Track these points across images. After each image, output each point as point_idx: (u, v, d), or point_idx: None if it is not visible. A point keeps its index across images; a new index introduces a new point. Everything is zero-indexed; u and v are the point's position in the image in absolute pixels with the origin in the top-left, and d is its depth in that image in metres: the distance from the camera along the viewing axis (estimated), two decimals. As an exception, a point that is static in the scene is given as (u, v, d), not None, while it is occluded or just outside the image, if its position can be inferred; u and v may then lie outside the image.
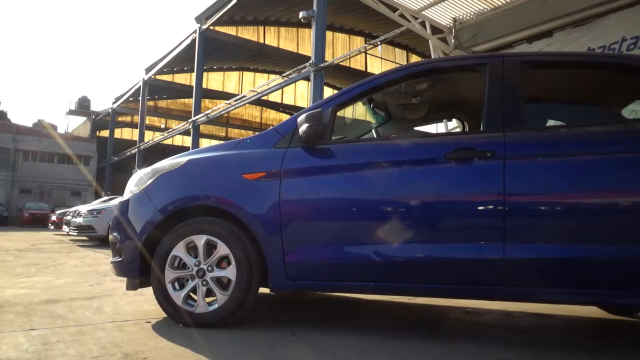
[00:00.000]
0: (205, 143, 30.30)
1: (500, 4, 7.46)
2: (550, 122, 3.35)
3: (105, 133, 36.37)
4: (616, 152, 2.27)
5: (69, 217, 12.18)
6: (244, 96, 19.35)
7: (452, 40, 8.15)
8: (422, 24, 8.37)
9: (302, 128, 2.52)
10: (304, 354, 2.14)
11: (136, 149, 27.56)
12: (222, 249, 2.55)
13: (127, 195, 2.90)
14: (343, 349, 2.22)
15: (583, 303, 2.73)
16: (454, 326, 2.91)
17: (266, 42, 23.85)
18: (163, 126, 33.56)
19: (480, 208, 2.34)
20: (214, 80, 29.30)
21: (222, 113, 20.80)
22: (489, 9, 7.63)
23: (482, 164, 2.34)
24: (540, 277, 2.26)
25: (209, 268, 2.56)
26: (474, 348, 2.34)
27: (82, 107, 38.35)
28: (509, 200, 2.26)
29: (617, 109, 3.19)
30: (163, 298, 2.60)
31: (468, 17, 8.01)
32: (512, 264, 2.24)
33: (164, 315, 2.68)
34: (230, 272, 2.53)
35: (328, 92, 22.24)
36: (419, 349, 2.27)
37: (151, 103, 31.18)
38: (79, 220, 10.89)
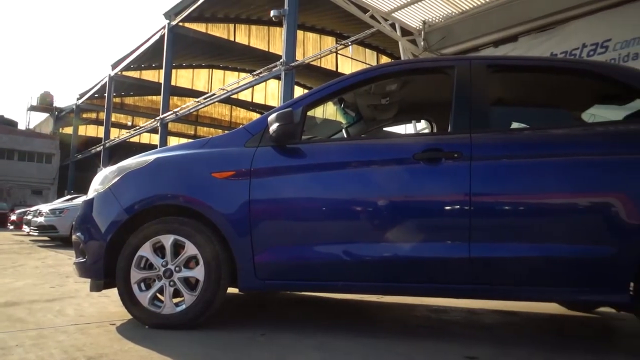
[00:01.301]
0: (173, 141, 29.79)
1: (468, 8, 7.62)
2: (515, 125, 3.44)
3: (68, 130, 35.28)
4: (576, 154, 2.35)
5: (29, 217, 11.81)
6: (214, 94, 19.13)
7: (422, 43, 8.27)
8: (393, 25, 8.47)
9: (273, 127, 2.51)
10: (274, 354, 2.13)
11: (101, 147, 26.86)
12: (190, 249, 2.51)
13: (91, 194, 2.82)
14: (313, 349, 2.22)
15: (545, 300, 2.82)
16: (421, 324, 2.96)
17: (237, 40, 23.64)
18: (130, 124, 32.79)
19: (447, 208, 2.39)
20: (183, 78, 28.82)
21: (191, 111, 20.50)
22: (457, 12, 7.79)
23: (449, 164, 2.39)
24: (504, 276, 2.32)
25: (177, 268, 2.52)
26: (441, 345, 2.39)
27: (45, 102, 37.09)
28: (474, 201, 2.32)
29: (578, 112, 3.31)
30: (128, 299, 2.55)
31: (437, 20, 8.15)
32: (477, 263, 2.29)
33: (130, 317, 2.62)
34: (198, 273, 2.49)
35: (299, 91, 22.23)
36: (388, 348, 2.29)
37: (117, 100, 30.43)
38: (40, 219, 10.56)
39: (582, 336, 2.86)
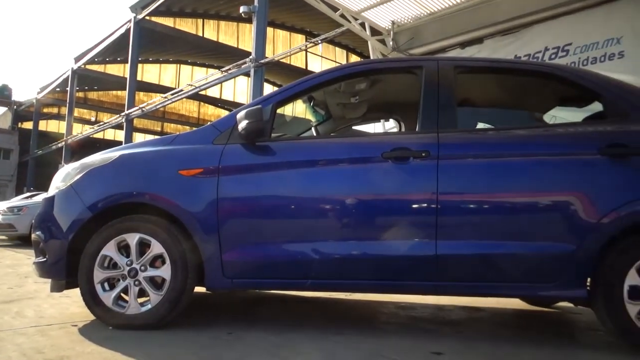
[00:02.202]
0: (139, 138, 29.13)
1: (436, 10, 7.74)
2: (480, 125, 3.53)
3: (28, 125, 33.95)
4: (538, 154, 2.43)
5: (-15, 215, 11.30)
6: (182, 90, 18.79)
7: (391, 43, 8.36)
8: (362, 25, 8.52)
9: (242, 124, 2.49)
10: (241, 353, 2.12)
11: (63, 143, 26.00)
12: (157, 248, 2.46)
13: (52, 191, 2.73)
14: (280, 347, 2.22)
15: (508, 296, 2.90)
16: (389, 321, 3.00)
17: (205, 36, 23.28)
18: (93, 119, 31.84)
19: (414, 206, 2.42)
20: (149, 73, 28.19)
21: (157, 107, 20.08)
22: (425, 14, 7.90)
23: (417, 163, 2.42)
24: (469, 273, 2.38)
25: (142, 267, 2.47)
26: (409, 342, 2.42)
27: (2, 96, 35.58)
28: (441, 199, 2.36)
29: (540, 114, 3.42)
30: (91, 299, 2.48)
31: (406, 21, 8.24)
32: (444, 260, 2.34)
33: (92, 317, 2.55)
34: (164, 272, 2.45)
35: (268, 88, 22.10)
36: (357, 345, 2.31)
37: (81, 94, 29.49)
38: (-2, 218, 10.14)
39: (543, 330, 2.97)
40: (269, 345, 2.25)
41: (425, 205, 2.39)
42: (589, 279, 2.34)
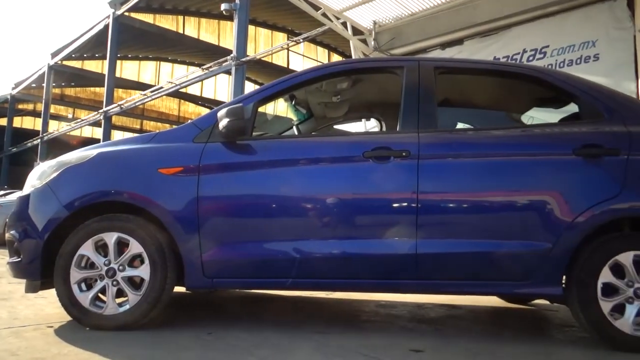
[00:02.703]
0: (118, 135, 28.66)
1: (417, 10, 7.80)
2: (460, 125, 3.57)
3: (2, 121, 33.11)
4: (516, 154, 2.47)
5: (-43, 214, 10.97)
6: (161, 87, 18.55)
7: (372, 42, 8.39)
8: (344, 24, 8.54)
9: (223, 123, 2.47)
10: (221, 353, 2.10)
11: (39, 140, 25.42)
12: (135, 247, 2.43)
13: (27, 189, 2.67)
14: (261, 347, 2.21)
15: (486, 294, 2.95)
16: (369, 319, 3.01)
17: (186, 33, 23.01)
18: (70, 116, 31.20)
19: (395, 205, 2.44)
20: (128, 70, 27.73)
21: (137, 104, 19.78)
22: (406, 14, 7.96)
23: (398, 163, 2.44)
24: (448, 271, 2.41)
25: (120, 267, 2.43)
26: (388, 340, 2.44)
27: (-25, 91, 34.61)
28: (421, 198, 2.38)
29: (518, 114, 3.48)
30: (68, 300, 2.43)
31: (387, 21, 8.29)
32: (424, 259, 2.37)
33: (69, 318, 2.50)
34: (143, 271, 2.42)
35: (249, 87, 21.97)
36: (337, 344, 2.32)
37: (57, 90, 28.86)
38: (-30, 216, 9.85)
39: (519, 327, 3.02)
40: (249, 345, 2.24)
41: (406, 204, 2.41)
42: (564, 277, 2.39)
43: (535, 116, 3.61)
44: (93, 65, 27.24)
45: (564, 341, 2.63)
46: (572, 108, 2.85)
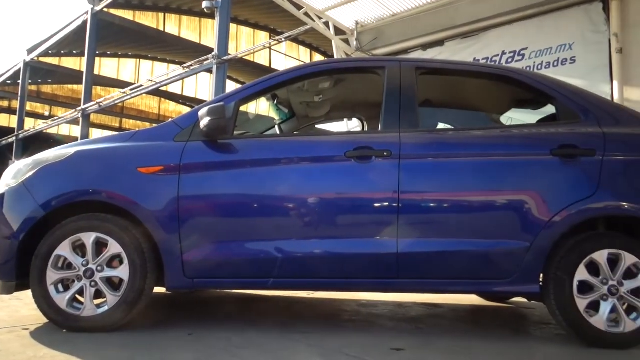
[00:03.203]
0: (96, 134, 28.18)
1: (398, 11, 7.85)
2: (441, 125, 3.61)
3: (-25, 118, 32.27)
4: (495, 154, 2.51)
5: None
6: (141, 85, 18.27)
7: (354, 42, 8.41)
8: (326, 24, 8.54)
9: (204, 122, 2.45)
10: (202, 354, 2.09)
11: (14, 138, 24.84)
12: (114, 247, 2.39)
13: (2, 188, 2.60)
14: (242, 347, 2.20)
15: (465, 292, 2.99)
16: (350, 319, 3.02)
17: (166, 30, 22.75)
18: (47, 113, 30.56)
19: (376, 205, 2.46)
20: (107, 67, 27.25)
21: (116, 102, 19.44)
22: (388, 15, 8.00)
23: (379, 162, 2.46)
24: (428, 270, 2.44)
25: (99, 268, 2.39)
26: (369, 339, 2.45)
27: (-53, 88, 33.65)
28: (403, 198, 2.40)
29: (497, 115, 3.53)
30: (44, 302, 2.38)
31: (369, 22, 8.32)
32: (405, 258, 2.39)
33: (45, 320, 2.45)
34: (122, 272, 2.38)
35: (231, 86, 21.82)
36: (318, 343, 2.32)
37: (33, 87, 28.20)
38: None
39: (498, 325, 3.07)
40: (230, 345, 2.22)
41: (387, 204, 2.43)
42: (541, 275, 2.44)
43: (514, 117, 3.67)
44: (71, 62, 26.70)
45: (541, 338, 2.68)
46: (550, 109, 2.90)
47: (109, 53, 26.47)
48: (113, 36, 21.63)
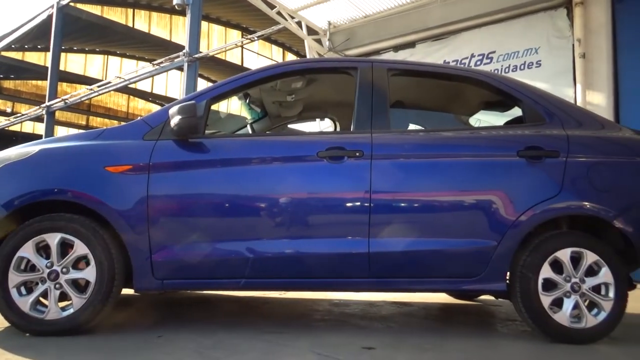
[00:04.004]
0: (62, 132, 27.36)
1: (370, 13, 7.92)
2: (412, 126, 3.66)
3: None
4: (464, 155, 2.56)
5: None
6: (109, 82, 17.85)
7: (327, 43, 8.44)
8: (299, 23, 8.53)
9: (174, 120, 2.42)
10: (171, 356, 2.05)
11: (-26, 135, 23.85)
12: (80, 248, 2.33)
13: (-40, 188, 2.50)
14: (213, 348, 2.18)
15: (435, 291, 3.04)
16: (323, 318, 3.03)
17: (136, 27, 22.28)
18: (9, 110, 29.49)
19: (348, 205, 2.47)
20: (73, 63, 26.48)
21: (82, 99, 18.92)
22: (360, 16, 8.06)
23: (351, 162, 2.47)
24: (399, 269, 2.47)
25: (64, 270, 2.32)
26: (341, 338, 2.47)
27: None
28: (374, 198, 2.43)
29: (466, 117, 3.61)
30: (6, 305, 2.29)
31: (342, 22, 8.36)
32: (376, 258, 2.41)
33: (7, 324, 2.36)
34: (89, 273, 2.32)
35: (202, 84, 21.56)
36: (290, 343, 2.32)
37: (-6, 83, 27.22)
38: None
39: (467, 322, 3.13)
40: (201, 347, 2.20)
41: (359, 204, 2.44)
42: (507, 273, 2.50)
43: (482, 119, 3.76)
44: (35, 57, 25.84)
45: (507, 335, 2.75)
46: (516, 112, 2.98)
47: (75, 48, 25.73)
48: (80, 31, 21.05)
